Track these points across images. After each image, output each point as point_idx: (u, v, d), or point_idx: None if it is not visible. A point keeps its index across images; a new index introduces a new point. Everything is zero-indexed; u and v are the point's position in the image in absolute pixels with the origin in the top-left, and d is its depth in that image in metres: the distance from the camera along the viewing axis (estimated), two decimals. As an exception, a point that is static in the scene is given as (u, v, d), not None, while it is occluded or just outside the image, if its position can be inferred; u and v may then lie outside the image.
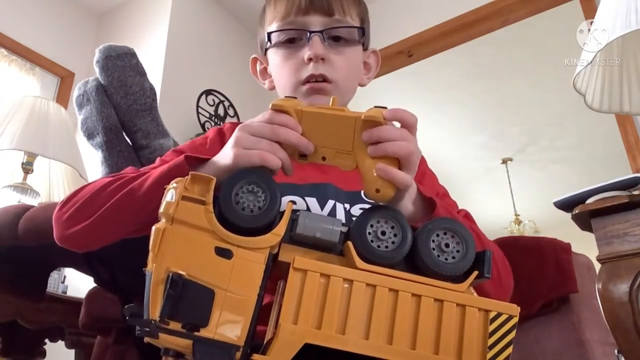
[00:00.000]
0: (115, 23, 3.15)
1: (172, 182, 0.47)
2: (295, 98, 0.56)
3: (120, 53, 1.07)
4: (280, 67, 0.81)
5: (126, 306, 0.42)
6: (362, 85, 0.88)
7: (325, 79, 0.77)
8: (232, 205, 0.47)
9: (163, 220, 0.46)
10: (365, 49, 0.86)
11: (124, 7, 3.14)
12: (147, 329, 0.42)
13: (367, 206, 0.77)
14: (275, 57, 0.81)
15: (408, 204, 0.59)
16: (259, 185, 0.48)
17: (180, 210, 0.45)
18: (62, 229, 0.66)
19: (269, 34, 0.80)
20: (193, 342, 0.42)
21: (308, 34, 0.76)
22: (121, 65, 1.06)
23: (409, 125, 0.55)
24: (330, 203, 0.75)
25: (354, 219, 0.75)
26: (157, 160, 0.79)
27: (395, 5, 2.96)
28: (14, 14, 2.83)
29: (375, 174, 0.52)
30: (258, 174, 0.49)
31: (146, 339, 0.43)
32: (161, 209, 0.46)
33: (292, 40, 0.79)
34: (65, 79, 3.01)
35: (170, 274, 0.42)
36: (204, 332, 0.42)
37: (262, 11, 0.85)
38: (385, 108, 0.54)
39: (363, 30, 0.81)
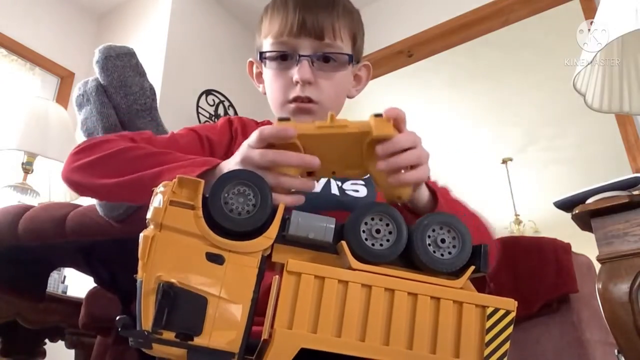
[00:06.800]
0: (115, 23, 3.15)
1: (159, 186, 0.46)
2: (289, 119, 0.55)
3: (119, 53, 1.06)
4: (271, 83, 0.84)
5: (117, 317, 0.41)
6: (350, 97, 0.91)
7: (310, 100, 0.81)
8: (222, 209, 0.45)
9: (151, 226, 0.44)
10: (357, 62, 0.89)
11: (124, 7, 3.13)
12: (141, 340, 0.41)
13: (358, 181, 0.82)
14: (267, 71, 0.85)
15: (424, 191, 0.63)
16: (248, 186, 0.46)
17: (169, 216, 0.44)
18: (72, 172, 0.71)
19: (261, 53, 0.84)
20: (187, 351, 0.41)
21: (297, 56, 0.80)
22: (121, 66, 1.06)
23: (404, 122, 0.56)
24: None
25: (346, 192, 0.79)
26: (170, 132, 0.83)
27: (395, 5, 2.96)
28: (14, 14, 2.82)
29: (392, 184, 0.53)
30: (247, 175, 0.47)
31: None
32: (149, 215, 0.45)
33: (284, 58, 0.82)
34: (65, 79, 3.01)
35: (161, 284, 0.41)
36: (198, 341, 0.41)
37: (260, 19, 0.88)
38: (381, 115, 0.53)
39: (351, 57, 0.84)
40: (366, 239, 0.47)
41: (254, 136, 0.56)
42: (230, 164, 0.59)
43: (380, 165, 0.53)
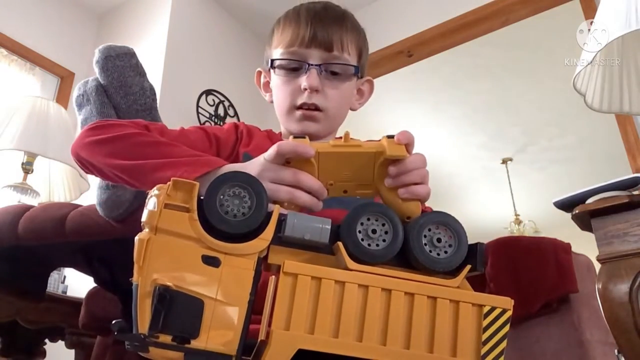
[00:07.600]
0: (115, 23, 3.15)
1: (153, 189, 0.46)
2: (305, 137, 0.56)
3: (119, 53, 1.06)
4: (279, 89, 0.89)
5: (113, 322, 0.41)
6: (353, 109, 0.95)
7: (316, 108, 0.85)
8: (217, 211, 0.45)
9: (146, 230, 0.44)
10: (361, 76, 0.93)
11: (124, 7, 3.14)
12: (137, 344, 0.41)
13: None
14: (277, 79, 0.89)
15: None
16: (244, 188, 0.46)
17: (164, 219, 0.44)
18: (82, 148, 0.75)
19: (272, 60, 0.88)
20: (184, 354, 0.41)
21: (307, 66, 0.85)
22: (121, 66, 1.06)
23: (413, 145, 0.58)
24: None
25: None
26: (180, 127, 0.86)
27: (395, 5, 2.96)
28: (14, 14, 2.83)
29: (402, 203, 0.55)
30: (243, 177, 0.47)
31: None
32: (144, 218, 0.44)
33: (294, 67, 0.86)
34: (65, 79, 3.01)
35: (157, 287, 0.41)
36: (195, 344, 0.41)
37: (270, 31, 0.92)
38: (393, 136, 0.55)
39: (357, 69, 0.88)
40: (362, 240, 0.47)
41: (272, 151, 0.57)
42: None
43: (388, 181, 0.55)
